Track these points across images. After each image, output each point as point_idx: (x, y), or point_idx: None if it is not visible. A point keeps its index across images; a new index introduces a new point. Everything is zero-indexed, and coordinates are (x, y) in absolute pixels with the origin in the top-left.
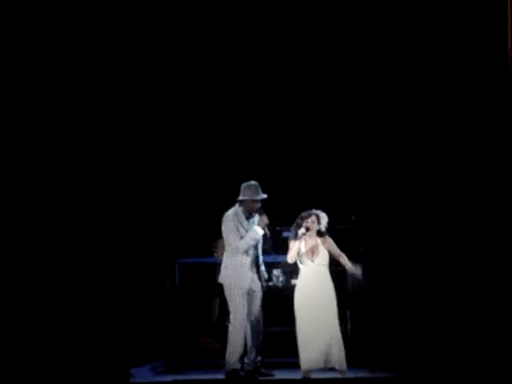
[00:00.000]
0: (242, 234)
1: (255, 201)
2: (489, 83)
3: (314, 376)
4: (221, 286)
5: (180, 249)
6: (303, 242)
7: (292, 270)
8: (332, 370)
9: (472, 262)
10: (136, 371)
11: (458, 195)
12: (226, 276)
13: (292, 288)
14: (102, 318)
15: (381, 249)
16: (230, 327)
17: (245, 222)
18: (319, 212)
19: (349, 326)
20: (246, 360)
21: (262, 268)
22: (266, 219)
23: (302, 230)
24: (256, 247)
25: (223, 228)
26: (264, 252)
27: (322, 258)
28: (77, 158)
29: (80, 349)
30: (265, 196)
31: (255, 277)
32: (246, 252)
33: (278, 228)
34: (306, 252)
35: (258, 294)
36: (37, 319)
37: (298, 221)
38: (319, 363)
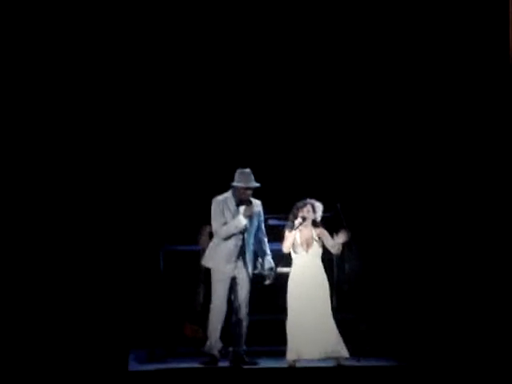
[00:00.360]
0: (228, 221)
1: (246, 188)
2: (490, 77)
3: (299, 365)
4: (206, 274)
5: (165, 236)
6: (298, 233)
7: (277, 258)
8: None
9: (463, 246)
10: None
11: (447, 183)
12: (209, 259)
13: (277, 276)
14: (86, 305)
15: (368, 236)
16: (210, 310)
17: (234, 209)
18: (314, 201)
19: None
20: (230, 349)
21: (268, 256)
22: (251, 209)
23: (298, 220)
24: (250, 235)
25: (211, 212)
26: None
27: (316, 248)
28: (62, 143)
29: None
30: (257, 185)
31: (240, 264)
32: (232, 239)
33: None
34: (301, 242)
35: (244, 283)
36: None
37: (294, 211)
38: (310, 355)
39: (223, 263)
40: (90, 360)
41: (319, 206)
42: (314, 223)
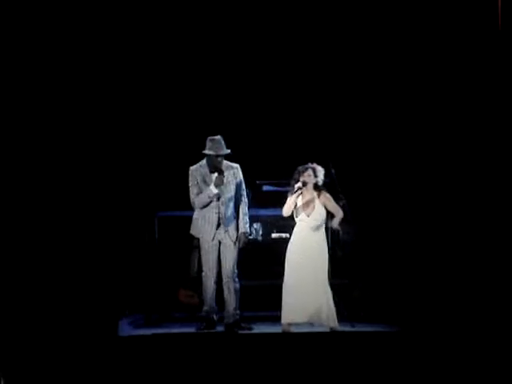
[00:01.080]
0: (202, 189)
1: (217, 155)
2: (485, 69)
3: (294, 330)
4: (199, 240)
5: (159, 202)
6: (300, 197)
7: (272, 224)
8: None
9: (458, 215)
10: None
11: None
12: (194, 227)
13: (272, 241)
14: (82, 272)
15: (362, 202)
16: (202, 277)
17: (208, 177)
18: (315, 165)
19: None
20: (224, 313)
21: (244, 221)
22: (222, 178)
23: (298, 184)
24: (227, 201)
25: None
26: None
27: (318, 213)
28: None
29: (64, 302)
30: (227, 151)
31: (223, 230)
32: (210, 206)
33: (257, 182)
34: (303, 206)
35: (228, 248)
36: (20, 272)
37: (295, 175)
38: (304, 318)
39: (206, 231)
40: (84, 325)
41: (321, 170)
42: (316, 187)
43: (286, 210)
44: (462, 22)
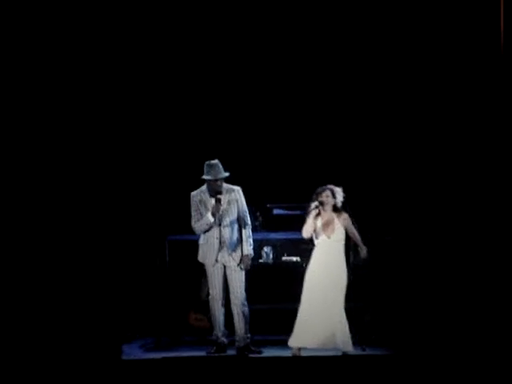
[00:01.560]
0: (203, 214)
1: (215, 180)
2: (484, 72)
3: (303, 354)
4: None
5: (170, 226)
6: (319, 218)
7: (282, 248)
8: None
9: (466, 239)
10: (125, 348)
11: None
12: (199, 253)
13: (282, 265)
14: (92, 295)
15: (370, 226)
16: (209, 301)
17: (208, 201)
18: (334, 187)
19: None
20: (235, 337)
21: (247, 243)
22: (219, 207)
23: (313, 204)
24: (228, 224)
25: None
26: (254, 229)
27: (338, 234)
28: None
29: (71, 325)
30: (225, 175)
31: (226, 253)
32: (211, 231)
33: (268, 205)
34: (322, 227)
35: (233, 271)
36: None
37: (313, 196)
38: (314, 343)
39: (209, 255)
40: (93, 349)
41: (339, 192)
42: (336, 209)
43: (305, 232)
44: (463, 24)
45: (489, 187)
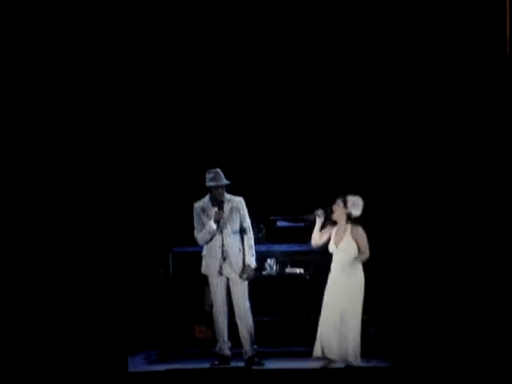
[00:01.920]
0: (206, 223)
1: (217, 187)
2: (487, 75)
3: (305, 366)
4: None
5: (173, 238)
6: (335, 229)
7: (286, 259)
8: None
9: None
10: (129, 360)
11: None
12: (202, 265)
13: (286, 277)
14: (96, 307)
15: (377, 238)
16: (213, 313)
17: (210, 210)
18: (350, 196)
19: None
20: (243, 349)
21: (249, 254)
22: (221, 214)
23: (317, 211)
24: (229, 234)
25: None
26: (257, 241)
27: (347, 245)
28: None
29: (76, 338)
30: (226, 182)
31: (228, 265)
32: (213, 240)
33: (271, 217)
34: (334, 236)
35: (236, 282)
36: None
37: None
38: (330, 354)
39: (212, 266)
40: (96, 362)
41: (355, 202)
42: (349, 219)
43: (313, 240)
44: (465, 25)
45: (495, 200)
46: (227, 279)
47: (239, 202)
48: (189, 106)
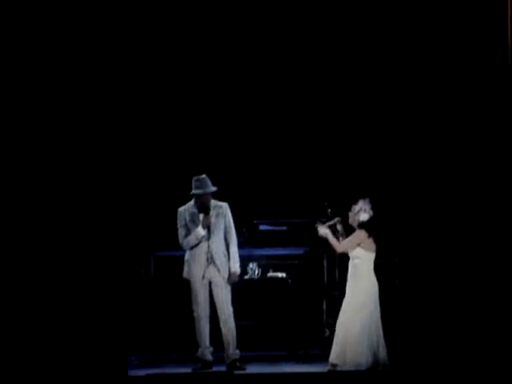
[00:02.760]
0: (191, 229)
1: (204, 194)
2: (489, 77)
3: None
4: None
5: (155, 242)
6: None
7: (268, 264)
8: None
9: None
10: None
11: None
12: (185, 269)
13: (268, 281)
14: (75, 312)
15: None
16: (194, 318)
17: (197, 217)
18: (360, 201)
19: (324, 318)
20: (225, 353)
21: (234, 260)
22: (209, 219)
23: (334, 220)
24: (215, 239)
25: None
26: (239, 245)
27: (356, 250)
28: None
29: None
30: (213, 189)
31: (212, 269)
32: (198, 246)
33: (254, 221)
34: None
35: (220, 287)
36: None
37: None
38: (341, 362)
39: (196, 271)
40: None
41: (359, 206)
42: (361, 223)
43: (334, 247)
44: (466, 27)
45: (496, 202)
46: (210, 283)
47: (225, 207)
48: (171, 112)
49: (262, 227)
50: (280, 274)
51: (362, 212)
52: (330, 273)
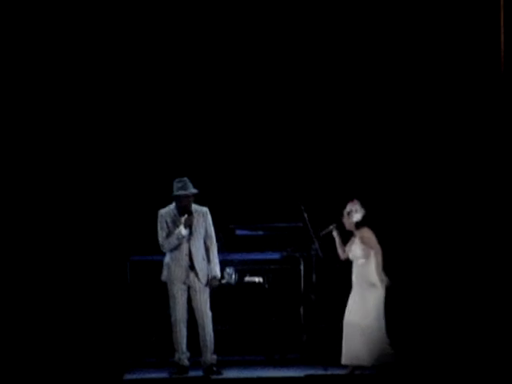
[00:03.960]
0: (172, 232)
1: (185, 196)
2: (482, 82)
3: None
4: None
5: (131, 246)
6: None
7: (245, 268)
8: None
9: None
10: None
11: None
12: (163, 273)
13: (245, 286)
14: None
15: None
16: (171, 323)
17: (178, 219)
18: (348, 205)
19: (302, 322)
20: (202, 358)
21: (214, 265)
22: (191, 219)
23: (332, 226)
24: (196, 243)
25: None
26: (217, 250)
27: (355, 248)
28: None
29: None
30: (194, 191)
31: (192, 274)
32: (179, 249)
33: (230, 226)
34: (348, 246)
35: (199, 291)
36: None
37: None
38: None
39: (176, 274)
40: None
41: (349, 208)
42: (358, 225)
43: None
44: (455, 23)
45: (495, 203)
46: (188, 288)
47: (205, 212)
48: (151, 115)
49: (239, 232)
50: (257, 279)
51: (353, 213)
52: (307, 277)
